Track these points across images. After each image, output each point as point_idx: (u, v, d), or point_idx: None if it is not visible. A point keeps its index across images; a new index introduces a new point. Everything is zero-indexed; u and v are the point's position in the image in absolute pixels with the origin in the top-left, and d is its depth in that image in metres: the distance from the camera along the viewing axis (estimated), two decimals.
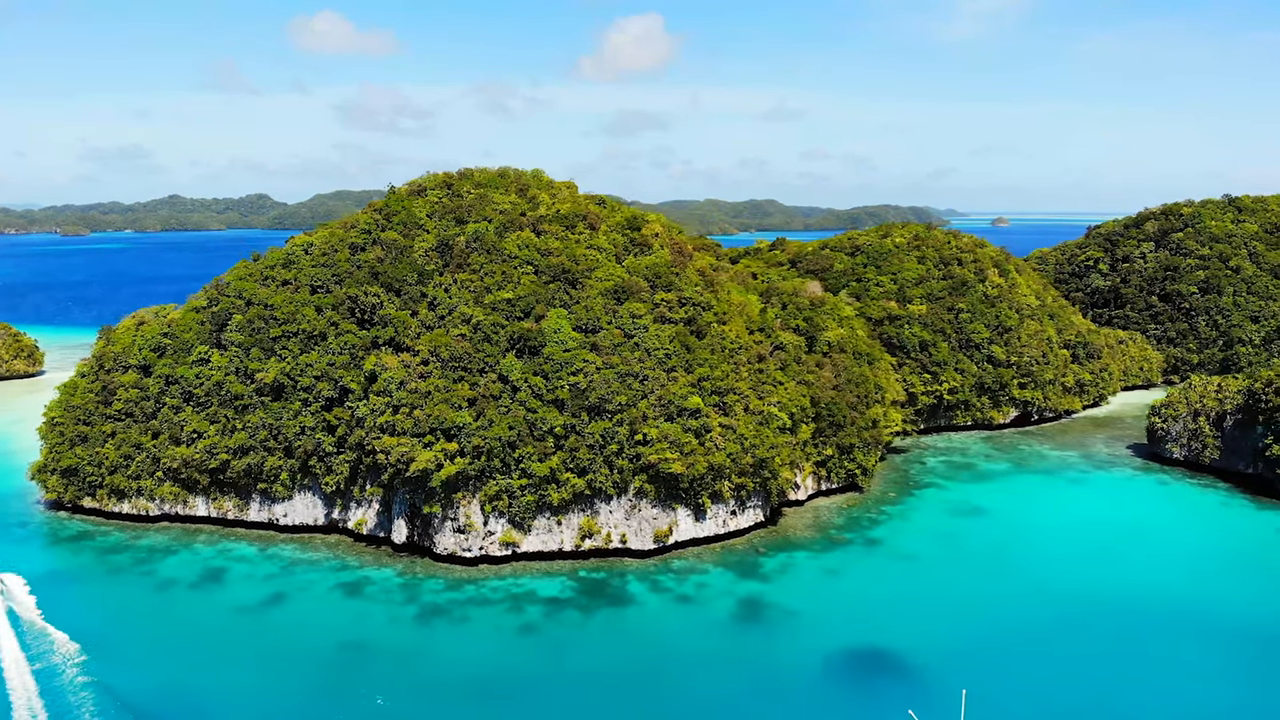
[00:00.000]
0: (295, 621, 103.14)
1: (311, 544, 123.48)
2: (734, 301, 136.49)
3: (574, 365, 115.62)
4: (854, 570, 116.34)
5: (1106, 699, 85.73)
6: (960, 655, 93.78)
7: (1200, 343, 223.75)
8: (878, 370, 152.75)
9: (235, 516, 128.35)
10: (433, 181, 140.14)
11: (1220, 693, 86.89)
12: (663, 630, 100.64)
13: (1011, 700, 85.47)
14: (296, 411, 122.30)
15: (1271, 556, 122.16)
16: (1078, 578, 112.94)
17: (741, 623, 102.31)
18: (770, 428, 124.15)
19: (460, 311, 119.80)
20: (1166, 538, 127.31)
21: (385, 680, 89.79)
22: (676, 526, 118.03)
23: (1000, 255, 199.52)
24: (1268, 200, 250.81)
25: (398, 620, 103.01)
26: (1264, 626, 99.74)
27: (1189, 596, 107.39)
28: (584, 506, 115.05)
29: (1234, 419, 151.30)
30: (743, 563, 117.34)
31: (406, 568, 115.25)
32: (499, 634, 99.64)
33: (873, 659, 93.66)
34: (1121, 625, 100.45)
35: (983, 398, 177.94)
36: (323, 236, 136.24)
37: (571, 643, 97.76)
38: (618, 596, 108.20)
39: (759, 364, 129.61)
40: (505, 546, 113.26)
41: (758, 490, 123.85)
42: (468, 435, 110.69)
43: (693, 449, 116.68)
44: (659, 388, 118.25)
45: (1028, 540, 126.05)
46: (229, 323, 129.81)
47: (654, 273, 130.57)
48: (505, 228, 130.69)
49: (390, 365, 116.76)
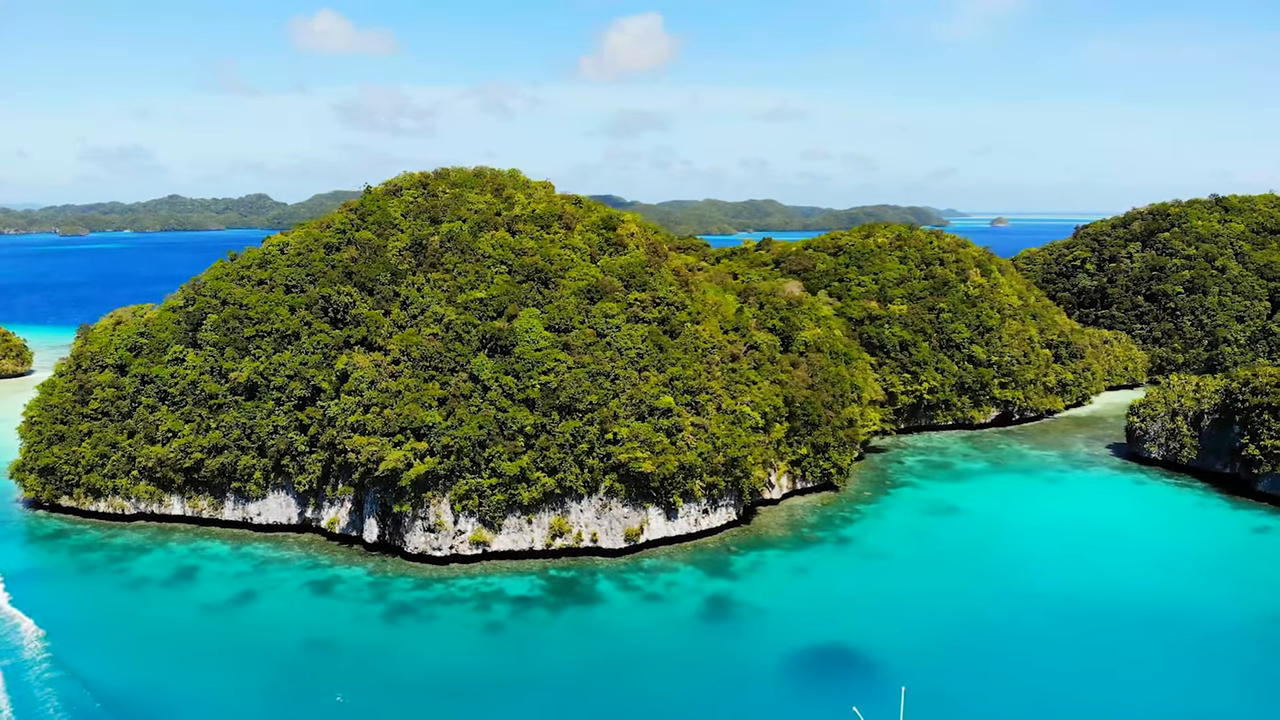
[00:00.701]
0: (263, 619, 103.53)
1: (284, 543, 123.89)
2: (709, 301, 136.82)
3: (545, 364, 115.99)
4: (823, 569, 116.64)
5: (1064, 697, 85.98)
6: (922, 653, 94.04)
7: (1185, 342, 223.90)
8: (855, 370, 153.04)
9: (210, 515, 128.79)
10: (408, 181, 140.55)
11: (1184, 691, 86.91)
12: (628, 628, 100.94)
13: (966, 698, 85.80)
14: (269, 411, 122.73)
15: (1245, 557, 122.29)
16: (1048, 577, 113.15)
17: (707, 621, 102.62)
18: (742, 427, 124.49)
19: (432, 311, 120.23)
20: (1140, 537, 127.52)
21: (347, 678, 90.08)
22: (648, 525, 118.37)
23: (983, 255, 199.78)
24: (1255, 200, 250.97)
25: (364, 619, 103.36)
26: (1234, 626, 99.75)
27: (1160, 596, 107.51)
28: (555, 506, 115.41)
29: (1211, 419, 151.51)
30: (713, 561, 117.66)
31: (377, 566, 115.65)
32: (464, 632, 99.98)
33: (834, 656, 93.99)
34: (1089, 624, 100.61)
35: (963, 397, 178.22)
36: (298, 236, 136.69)
37: (536, 641, 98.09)
38: (586, 595, 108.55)
39: (732, 363, 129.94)
40: (476, 546, 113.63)
41: (730, 489, 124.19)
42: (437, 434, 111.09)
43: (664, 448, 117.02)
44: (630, 387, 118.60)
45: (1000, 539, 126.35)
46: (204, 322, 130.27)
47: (628, 272, 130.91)
48: (480, 227, 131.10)
49: (362, 365, 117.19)
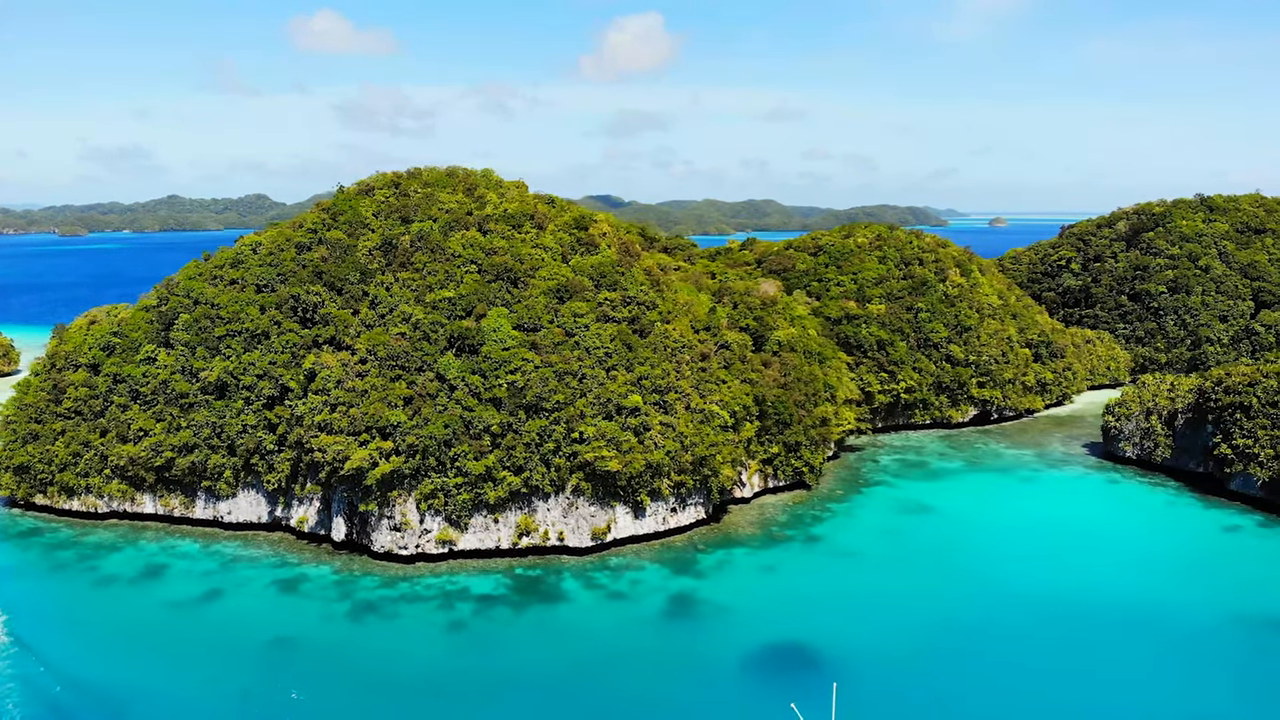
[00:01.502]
0: (227, 617, 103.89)
1: (254, 541, 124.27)
2: (680, 301, 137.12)
3: (512, 364, 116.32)
4: (790, 567, 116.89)
5: (1029, 696, 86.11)
6: (883, 651, 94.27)
7: (1168, 342, 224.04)
8: (829, 369, 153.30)
9: (181, 514, 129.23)
10: (381, 181, 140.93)
11: (1155, 691, 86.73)
12: (590, 626, 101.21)
13: (926, 696, 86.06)
14: (239, 410, 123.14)
15: (1213, 555, 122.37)
16: (1016, 575, 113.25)
17: (670, 619, 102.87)
18: (711, 426, 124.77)
19: (400, 310, 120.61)
20: (1111, 537, 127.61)
21: (307, 675, 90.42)
22: (615, 524, 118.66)
23: (963, 255, 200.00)
24: (1240, 200, 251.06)
25: (329, 617, 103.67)
26: (1204, 626, 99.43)
27: (1130, 595, 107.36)
28: (521, 505, 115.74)
29: (1184, 418, 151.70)
30: (680, 559, 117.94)
31: (344, 565, 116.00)
32: (427, 631, 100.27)
33: (794, 654, 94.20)
34: (1057, 623, 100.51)
35: (941, 397, 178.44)
36: (271, 236, 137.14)
37: (498, 639, 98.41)
38: (550, 594, 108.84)
39: (702, 362, 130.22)
40: (442, 544, 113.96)
41: (698, 488, 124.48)
42: (402, 434, 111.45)
43: (631, 447, 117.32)
44: (597, 386, 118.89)
45: (970, 538, 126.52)
46: (176, 322, 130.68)
47: (599, 272, 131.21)
48: (450, 227, 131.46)
49: (329, 364, 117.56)
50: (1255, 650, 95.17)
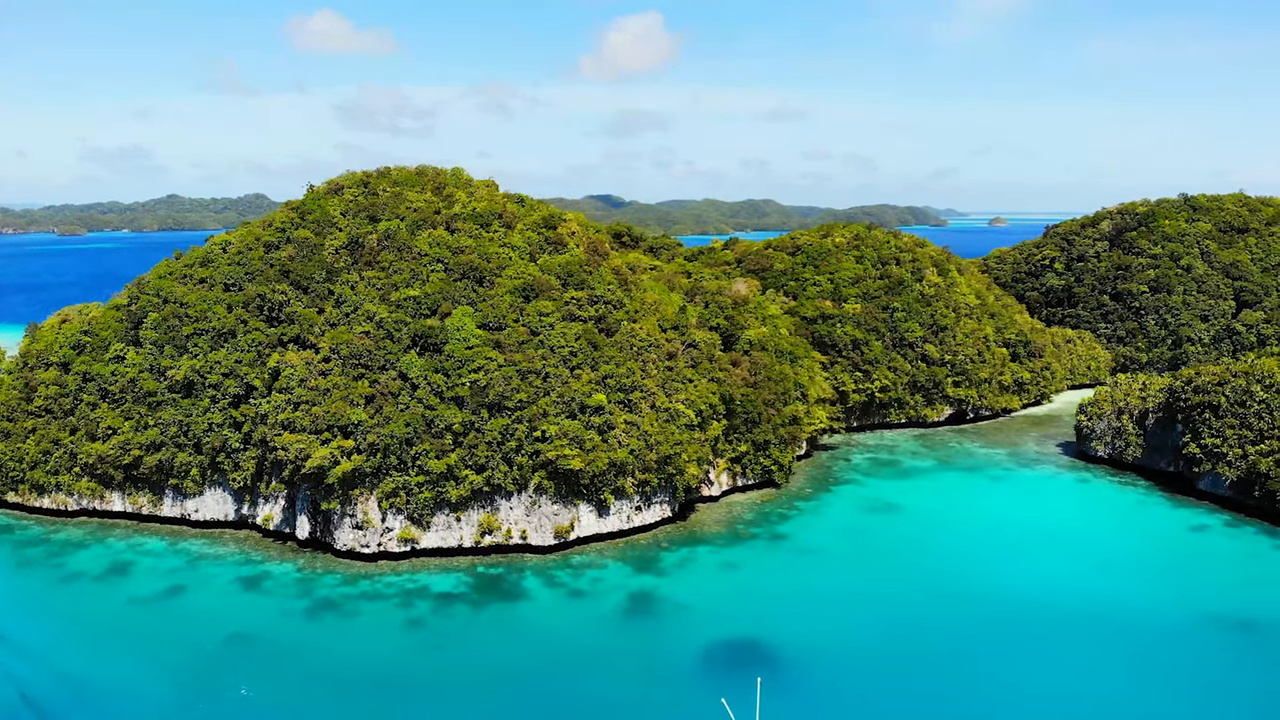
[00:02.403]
0: (188, 613, 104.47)
1: (220, 539, 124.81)
2: (649, 300, 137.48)
3: (475, 363, 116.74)
4: (753, 565, 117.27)
5: (970, 694, 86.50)
6: (829, 647, 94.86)
7: (1149, 341, 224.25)
8: (800, 368, 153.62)
9: (149, 512, 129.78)
10: (350, 180, 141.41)
11: (1104, 690, 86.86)
12: (548, 624, 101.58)
13: (868, 692, 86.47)
14: (205, 408, 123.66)
15: (1178, 554, 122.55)
16: (977, 574, 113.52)
17: (627, 616, 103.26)
18: (676, 424, 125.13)
19: (365, 309, 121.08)
20: (1077, 535, 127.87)
21: (260, 671, 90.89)
22: (578, 522, 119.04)
23: (940, 255, 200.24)
24: (1223, 199, 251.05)
25: (288, 614, 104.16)
26: (1163, 626, 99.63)
27: (1089, 594, 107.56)
28: (484, 503, 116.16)
29: (1155, 417, 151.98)
30: (643, 558, 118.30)
31: (307, 563, 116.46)
32: (384, 628, 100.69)
33: (743, 650, 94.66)
34: (1011, 621, 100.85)
35: (916, 396, 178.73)
36: (240, 235, 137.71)
37: (455, 637, 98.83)
38: (511, 591, 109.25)
39: (669, 361, 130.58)
40: (404, 543, 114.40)
41: (663, 486, 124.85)
42: (364, 432, 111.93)
43: (594, 445, 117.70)
44: (561, 385, 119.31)
45: (934, 537, 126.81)
46: (145, 320, 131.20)
47: (567, 271, 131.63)
48: (418, 225, 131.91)
49: (294, 363, 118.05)
50: (1215, 650, 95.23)
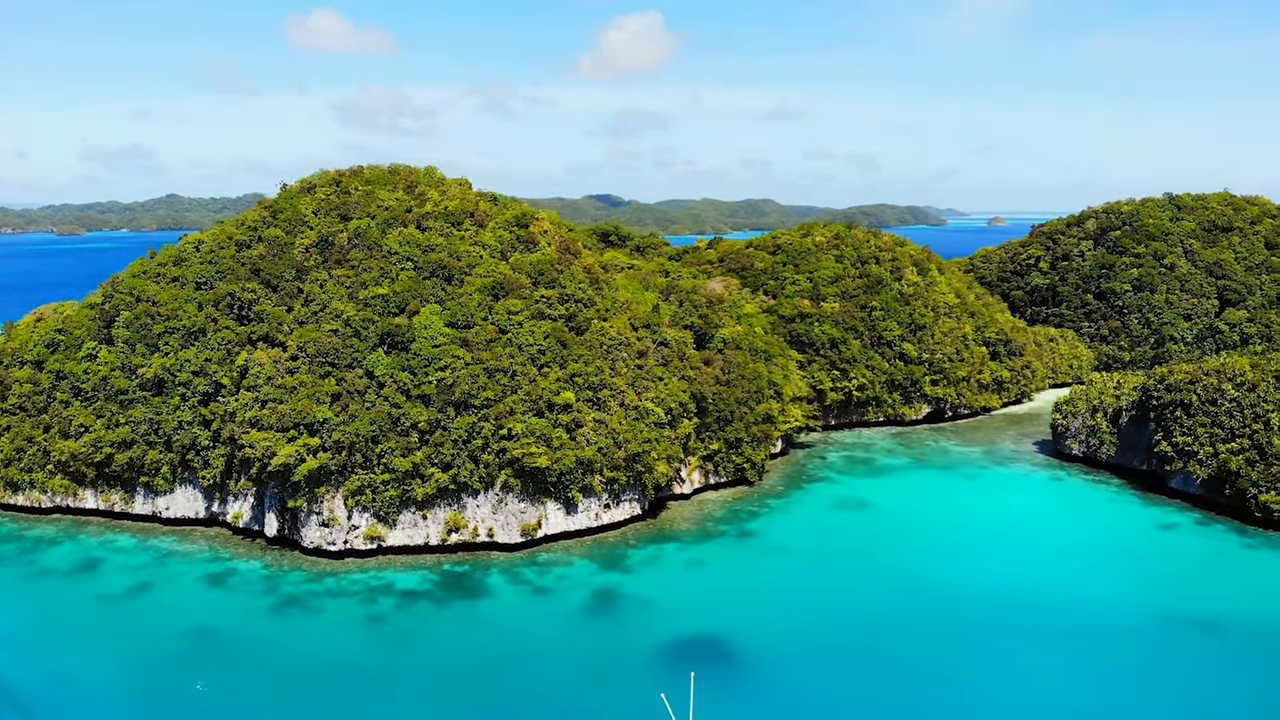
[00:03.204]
0: (154, 610, 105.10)
1: (191, 537, 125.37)
2: (620, 299, 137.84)
3: (442, 361, 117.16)
4: (719, 562, 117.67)
5: (924, 690, 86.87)
6: (786, 643, 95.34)
7: (1132, 340, 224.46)
8: (775, 367, 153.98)
9: (121, 509, 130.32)
10: (323, 179, 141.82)
11: (1055, 686, 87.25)
12: (510, 621, 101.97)
13: (822, 688, 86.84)
14: (175, 406, 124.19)
15: (1144, 553, 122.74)
16: (939, 571, 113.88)
17: (589, 613, 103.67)
18: (645, 422, 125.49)
19: (333, 307, 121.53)
20: (1045, 533, 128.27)
21: (220, 667, 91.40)
22: (546, 520, 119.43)
23: (921, 254, 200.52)
24: (1208, 199, 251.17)
25: (253, 610, 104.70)
26: (1120, 623, 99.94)
27: (1049, 590, 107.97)
28: (450, 501, 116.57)
29: (1129, 416, 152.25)
30: (610, 555, 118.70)
31: (274, 560, 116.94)
32: (346, 624, 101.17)
33: (699, 646, 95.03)
34: (971, 618, 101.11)
35: (894, 394, 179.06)
36: (213, 234, 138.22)
37: (417, 633, 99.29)
38: (475, 589, 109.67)
39: (639, 360, 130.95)
40: (370, 541, 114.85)
41: (632, 484, 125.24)
42: (329, 430, 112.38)
43: (562, 443, 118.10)
44: (529, 383, 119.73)
45: (901, 534, 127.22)
46: (117, 319, 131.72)
47: (538, 270, 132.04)
48: (389, 224, 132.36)
49: (262, 361, 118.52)
50: (1170, 647, 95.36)
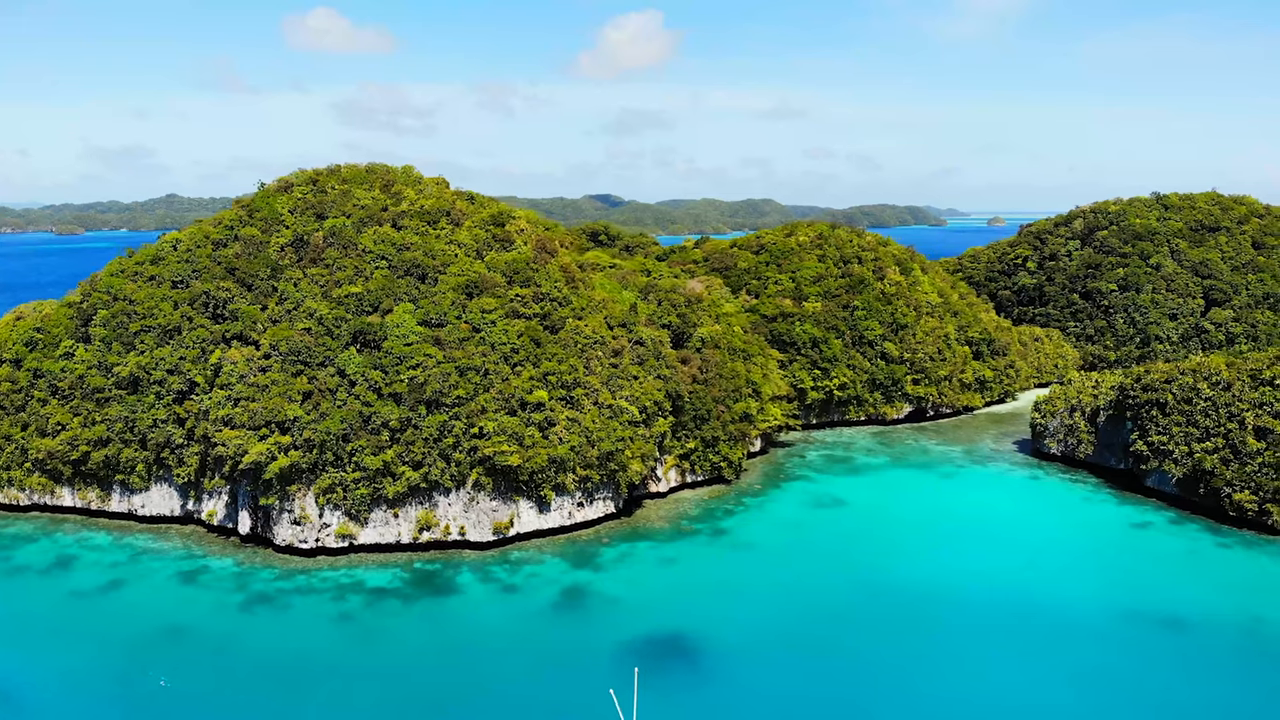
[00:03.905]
0: (124, 606, 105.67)
1: (166, 534, 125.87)
2: (597, 297, 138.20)
3: (414, 359, 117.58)
4: (690, 560, 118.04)
5: (878, 685, 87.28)
6: (748, 640, 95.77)
7: (1117, 340, 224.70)
8: (753, 366, 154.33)
9: (98, 507, 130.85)
10: (300, 178, 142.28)
11: (1008, 683, 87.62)
12: (476, 619, 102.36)
13: (778, 684, 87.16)
14: (150, 405, 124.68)
15: (1116, 552, 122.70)
16: (907, 568, 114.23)
17: (556, 610, 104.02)
18: (619, 421, 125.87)
19: (306, 306, 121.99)
20: (1017, 531, 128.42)
21: (185, 663, 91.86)
22: (518, 518, 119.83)
23: (904, 254, 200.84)
24: (1195, 198, 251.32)
25: (222, 607, 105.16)
26: (1082, 621, 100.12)
27: (1017, 588, 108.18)
28: (421, 499, 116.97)
29: (1106, 414, 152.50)
30: (583, 553, 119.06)
31: (247, 558, 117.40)
32: (314, 622, 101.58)
33: (663, 643, 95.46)
34: (930, 614, 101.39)
35: (875, 394, 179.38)
36: (190, 233, 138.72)
37: (384, 630, 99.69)
38: (445, 587, 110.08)
39: (614, 358, 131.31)
40: (341, 538, 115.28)
41: (606, 482, 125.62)
42: (300, 428, 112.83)
43: (534, 442, 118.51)
44: (501, 382, 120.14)
45: (873, 531, 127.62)
46: (94, 318, 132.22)
47: (513, 269, 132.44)
48: (364, 223, 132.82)
49: (235, 359, 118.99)
50: (1131, 646, 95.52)
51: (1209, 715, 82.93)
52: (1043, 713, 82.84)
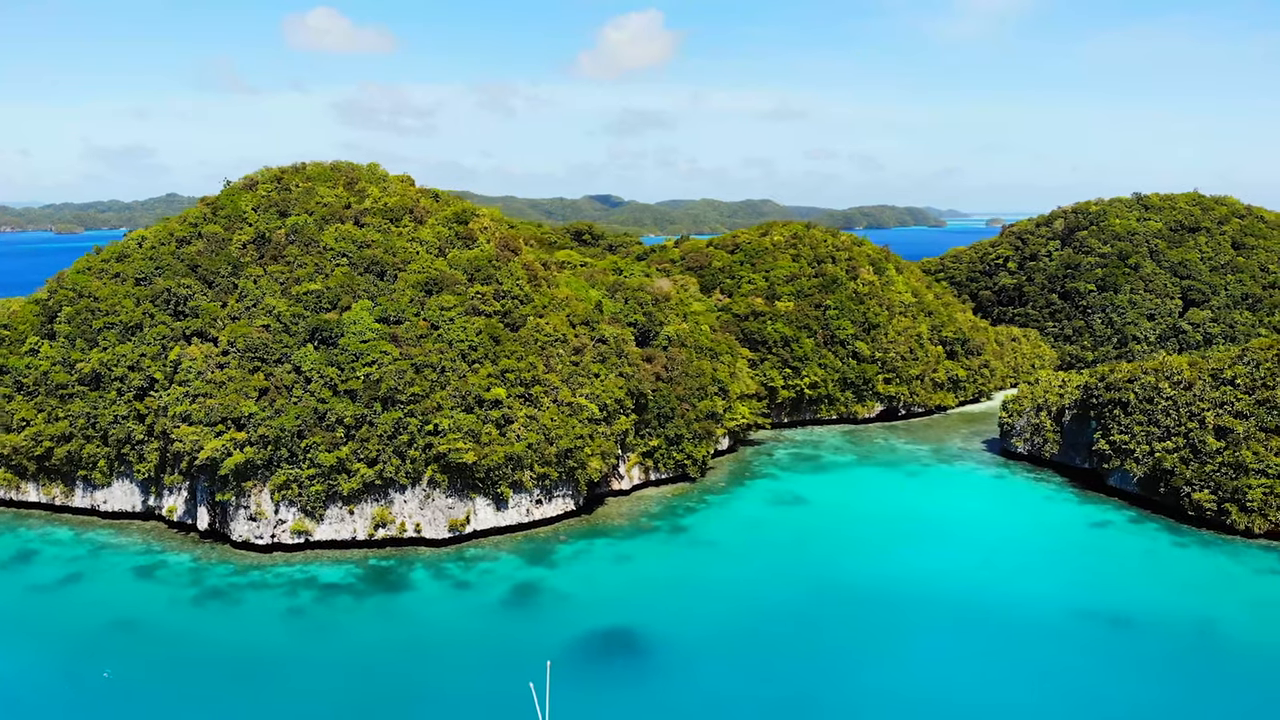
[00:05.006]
0: (78, 601, 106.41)
1: (127, 530, 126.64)
2: (560, 295, 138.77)
3: (370, 356, 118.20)
4: (645, 557, 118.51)
5: (811, 680, 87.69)
6: (694, 636, 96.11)
7: (1095, 340, 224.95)
8: (720, 364, 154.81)
9: (62, 503, 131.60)
10: (265, 176, 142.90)
11: (937, 678, 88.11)
12: (426, 614, 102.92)
13: (717, 678, 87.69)
14: (111, 401, 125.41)
15: (1073, 551, 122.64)
16: (861, 565, 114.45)
17: (506, 607, 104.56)
18: (579, 418, 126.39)
19: (265, 303, 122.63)
20: (974, 529, 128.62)
21: (135, 656, 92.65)
22: (475, 516, 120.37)
23: (879, 254, 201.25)
24: (1176, 199, 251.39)
25: (175, 602, 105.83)
26: (1032, 618, 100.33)
27: (969, 586, 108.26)
28: (377, 496, 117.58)
29: (1071, 414, 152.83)
30: (539, 550, 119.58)
31: (204, 553, 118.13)
32: (264, 616, 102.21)
33: (607, 638, 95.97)
34: (880, 611, 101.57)
35: (847, 393, 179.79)
36: (156, 230, 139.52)
37: (330, 625, 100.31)
38: (397, 583, 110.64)
39: (575, 356, 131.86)
40: (297, 535, 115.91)
41: (564, 480, 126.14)
42: (255, 424, 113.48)
43: (491, 439, 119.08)
44: (457, 379, 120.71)
45: (832, 529, 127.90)
46: (59, 314, 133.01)
47: (474, 266, 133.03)
48: (326, 220, 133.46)
49: (194, 355, 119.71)
50: (1075, 644, 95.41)
51: (1149, 714, 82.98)
52: (984, 708, 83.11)
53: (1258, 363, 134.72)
